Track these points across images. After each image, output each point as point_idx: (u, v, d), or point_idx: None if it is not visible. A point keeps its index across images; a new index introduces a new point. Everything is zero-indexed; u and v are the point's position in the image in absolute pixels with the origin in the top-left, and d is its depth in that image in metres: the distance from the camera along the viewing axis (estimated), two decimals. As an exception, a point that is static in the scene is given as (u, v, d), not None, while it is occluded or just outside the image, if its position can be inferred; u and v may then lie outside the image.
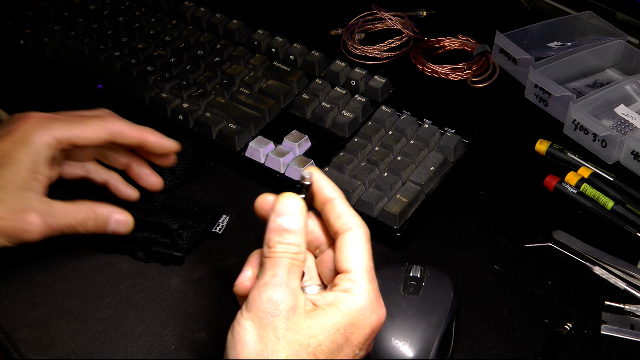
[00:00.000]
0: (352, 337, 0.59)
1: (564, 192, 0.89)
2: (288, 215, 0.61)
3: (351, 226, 0.62)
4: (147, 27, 1.07)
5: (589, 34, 1.09)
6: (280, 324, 0.57)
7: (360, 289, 0.60)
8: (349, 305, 0.59)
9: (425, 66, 1.07)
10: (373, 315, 0.60)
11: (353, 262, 0.61)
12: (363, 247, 0.62)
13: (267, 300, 0.58)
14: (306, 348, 0.57)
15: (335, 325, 0.58)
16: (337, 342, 0.58)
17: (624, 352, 0.76)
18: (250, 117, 0.94)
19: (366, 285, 0.60)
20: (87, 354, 0.76)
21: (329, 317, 0.59)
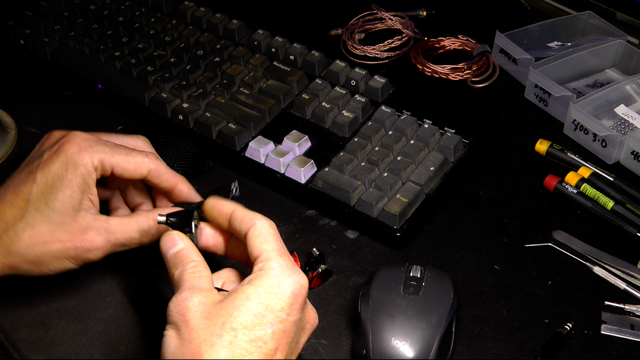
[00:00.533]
0: (271, 304, 0.60)
1: (564, 192, 0.89)
2: (172, 248, 0.65)
3: (253, 221, 0.65)
4: (147, 27, 1.07)
5: (589, 34, 1.09)
6: (191, 318, 0.59)
7: (271, 263, 0.62)
8: (260, 278, 0.61)
9: (425, 66, 1.07)
10: (289, 279, 0.61)
11: (262, 247, 0.63)
12: (269, 234, 0.64)
13: (175, 305, 0.61)
14: (222, 326, 0.58)
15: (247, 297, 0.60)
16: (254, 311, 0.59)
17: (624, 352, 0.76)
18: (250, 117, 0.94)
19: (277, 259, 0.62)
20: (87, 354, 0.76)
21: (240, 294, 0.60)
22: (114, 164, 0.72)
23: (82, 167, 0.69)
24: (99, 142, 0.72)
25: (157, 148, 0.93)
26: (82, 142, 0.70)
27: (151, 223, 0.73)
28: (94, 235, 0.70)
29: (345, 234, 0.87)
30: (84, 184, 0.69)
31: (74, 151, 0.69)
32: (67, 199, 0.68)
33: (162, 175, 0.75)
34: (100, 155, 0.71)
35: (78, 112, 1.02)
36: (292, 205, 0.90)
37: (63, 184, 0.68)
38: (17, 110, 1.00)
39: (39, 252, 0.69)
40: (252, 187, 0.92)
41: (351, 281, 0.82)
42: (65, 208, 0.68)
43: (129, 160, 0.73)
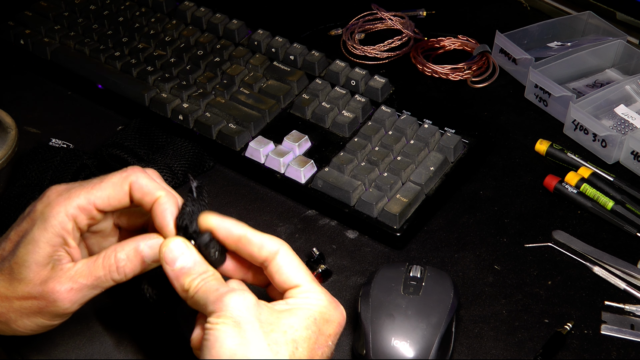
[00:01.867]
0: (323, 328, 0.62)
1: (564, 192, 0.89)
2: (180, 257, 0.62)
3: (277, 248, 0.64)
4: (147, 27, 1.07)
5: (589, 34, 1.09)
6: (254, 319, 0.59)
7: (318, 294, 0.63)
8: (316, 304, 0.62)
9: (425, 66, 1.07)
10: (337, 311, 0.63)
11: (298, 277, 0.63)
12: (297, 261, 0.64)
13: (236, 302, 0.59)
14: (284, 335, 0.59)
15: (311, 316, 0.61)
16: (312, 330, 0.60)
17: (624, 352, 0.76)
18: (250, 117, 0.94)
19: (320, 290, 0.63)
20: (87, 354, 0.76)
21: (302, 312, 0.61)
22: (93, 200, 0.65)
23: (52, 219, 0.64)
24: (72, 188, 0.65)
25: (157, 148, 0.93)
26: (52, 196, 0.65)
27: (120, 256, 0.64)
28: (54, 284, 0.64)
29: (345, 234, 0.87)
30: (55, 237, 0.64)
31: (43, 206, 0.64)
32: (31, 255, 0.63)
33: (143, 187, 0.65)
34: (75, 201, 0.64)
35: (78, 112, 1.02)
36: (292, 205, 0.90)
37: (27, 240, 0.64)
38: (17, 110, 1.01)
39: (3, 308, 0.65)
40: (252, 187, 0.92)
41: (351, 281, 0.82)
42: (28, 263, 0.63)
43: (105, 185, 0.65)
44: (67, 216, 0.64)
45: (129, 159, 0.90)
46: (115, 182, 0.65)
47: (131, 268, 0.65)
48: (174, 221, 0.64)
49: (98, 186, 0.65)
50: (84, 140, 0.97)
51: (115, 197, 0.65)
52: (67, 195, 0.64)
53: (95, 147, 0.95)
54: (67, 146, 0.95)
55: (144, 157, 0.91)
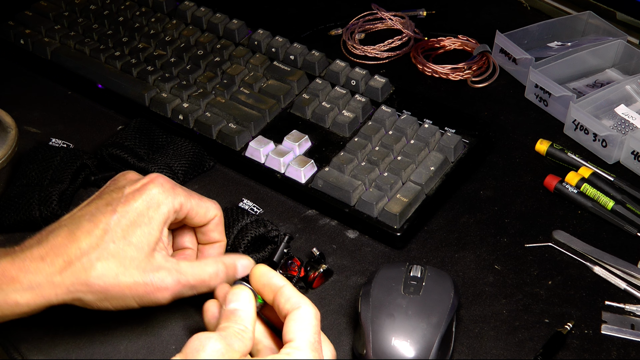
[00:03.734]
0: None
1: (564, 192, 0.89)
2: (235, 302, 0.66)
3: (300, 305, 0.65)
4: (147, 27, 1.07)
5: (589, 34, 1.09)
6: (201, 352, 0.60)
7: (300, 353, 0.62)
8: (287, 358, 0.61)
9: (425, 66, 1.07)
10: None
11: (297, 333, 0.63)
12: (310, 322, 0.64)
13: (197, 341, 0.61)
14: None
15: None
16: None
17: (624, 352, 0.76)
18: (250, 117, 0.94)
19: (307, 352, 0.62)
20: (87, 354, 0.76)
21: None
22: (189, 208, 0.72)
23: (164, 207, 0.69)
24: (177, 186, 0.72)
25: (157, 148, 0.93)
26: (165, 184, 0.70)
27: (220, 267, 0.72)
28: (165, 274, 0.68)
29: (346, 233, 0.87)
30: (163, 223, 0.69)
31: (158, 191, 0.69)
32: (146, 236, 0.68)
33: (218, 226, 0.75)
34: (181, 199, 0.71)
35: (78, 112, 1.02)
36: (292, 205, 0.90)
37: (144, 220, 0.68)
38: (17, 110, 1.01)
39: (108, 284, 0.67)
40: (252, 187, 0.92)
41: (351, 281, 0.82)
42: (142, 244, 0.67)
43: (202, 204, 0.73)
44: (174, 209, 0.70)
45: (129, 159, 0.89)
46: (207, 209, 0.74)
47: (226, 280, 0.72)
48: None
49: (196, 201, 0.73)
50: (84, 140, 0.97)
51: (196, 221, 0.74)
52: (177, 190, 0.71)
53: (95, 147, 0.95)
54: (67, 146, 0.95)
55: (144, 157, 0.91)
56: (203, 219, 0.74)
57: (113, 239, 0.67)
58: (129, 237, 0.67)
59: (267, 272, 0.67)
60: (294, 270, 0.80)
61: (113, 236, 0.67)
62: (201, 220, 0.74)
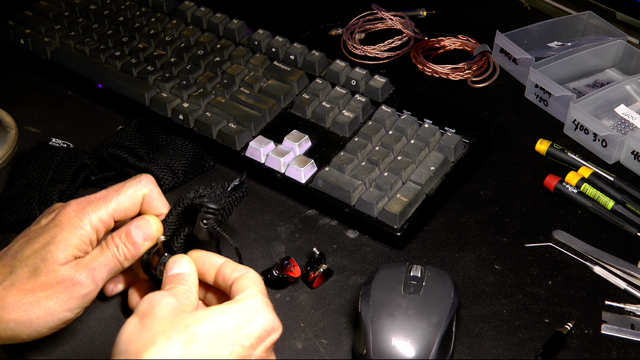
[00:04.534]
0: (240, 328, 0.60)
1: (565, 192, 0.89)
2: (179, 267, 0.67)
3: (247, 270, 0.66)
4: (148, 27, 1.07)
5: (589, 34, 1.09)
6: (159, 311, 0.60)
7: (255, 297, 0.63)
8: (241, 302, 0.62)
9: (425, 66, 1.07)
10: (267, 315, 0.62)
11: (249, 286, 0.64)
12: (258, 281, 0.65)
13: (148, 298, 0.62)
14: (185, 327, 0.59)
15: (221, 311, 0.60)
16: (221, 327, 0.60)
17: (625, 352, 0.76)
18: (250, 117, 0.94)
19: (261, 297, 0.63)
20: (87, 354, 0.76)
21: (215, 307, 0.61)
22: (112, 213, 0.71)
23: (79, 229, 0.69)
24: (93, 202, 0.71)
25: (157, 148, 0.93)
26: (76, 208, 0.70)
27: (116, 242, 0.71)
28: (75, 273, 0.68)
29: (346, 233, 0.87)
30: (81, 243, 0.69)
31: (71, 215, 0.70)
32: (61, 252, 0.68)
33: (153, 202, 0.73)
34: (98, 215, 0.70)
35: (78, 112, 1.02)
36: (292, 205, 0.90)
37: (57, 240, 0.68)
38: (17, 110, 1.01)
39: (25, 304, 0.67)
40: (253, 186, 0.92)
41: (351, 281, 0.82)
42: (56, 258, 0.67)
43: (123, 199, 0.71)
44: (91, 227, 0.70)
45: (129, 158, 0.89)
46: (132, 195, 0.72)
47: (129, 251, 0.71)
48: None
49: (116, 199, 0.71)
50: (84, 140, 0.97)
51: (131, 210, 0.72)
52: (90, 208, 0.70)
53: (95, 147, 0.95)
54: (67, 146, 0.95)
55: (144, 157, 0.91)
56: (134, 208, 0.72)
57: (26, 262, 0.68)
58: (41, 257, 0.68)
59: (203, 254, 0.69)
60: (290, 270, 0.80)
61: (26, 261, 0.68)
62: (134, 210, 0.72)
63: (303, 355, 0.76)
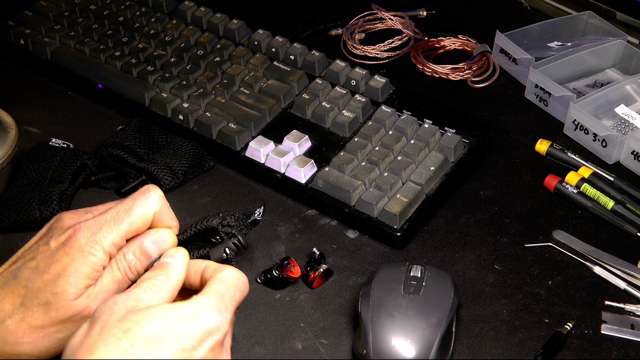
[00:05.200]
0: (179, 329, 0.59)
1: (564, 192, 0.89)
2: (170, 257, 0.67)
3: (224, 268, 0.65)
4: (148, 27, 1.07)
5: (589, 34, 1.09)
6: (107, 318, 0.59)
7: (202, 297, 0.62)
8: (184, 303, 0.61)
9: (425, 66, 1.07)
10: (209, 316, 0.61)
11: (210, 286, 0.63)
12: (228, 279, 0.64)
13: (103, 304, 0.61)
14: (125, 332, 0.58)
15: (160, 312, 0.59)
16: (160, 328, 0.59)
17: (624, 352, 0.76)
18: (250, 117, 0.94)
19: (211, 297, 0.62)
20: (87, 353, 0.75)
21: (156, 307, 0.60)
22: (124, 235, 0.68)
23: (91, 257, 0.66)
24: (103, 225, 0.68)
25: (157, 148, 0.93)
26: (87, 233, 0.67)
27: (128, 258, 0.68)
28: (90, 304, 0.66)
29: (346, 233, 0.87)
30: (94, 272, 0.67)
31: (82, 243, 0.67)
32: (72, 286, 0.66)
33: (163, 217, 0.70)
34: (110, 239, 0.67)
35: (78, 112, 1.02)
36: (292, 205, 0.90)
37: (68, 272, 0.66)
38: (17, 110, 1.01)
39: (36, 338, 0.66)
40: (252, 187, 0.92)
41: (351, 281, 0.82)
42: (69, 293, 0.66)
43: (134, 220, 0.68)
44: (104, 254, 0.67)
45: (129, 158, 0.90)
46: (144, 215, 0.69)
47: (142, 265, 0.68)
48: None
49: (128, 221, 0.68)
50: (84, 140, 0.97)
51: (142, 228, 0.69)
52: (102, 233, 0.67)
53: (95, 147, 0.95)
54: (67, 146, 0.95)
55: (144, 157, 0.91)
56: (145, 224, 0.70)
57: (36, 294, 0.66)
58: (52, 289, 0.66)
59: (194, 262, 0.68)
60: (290, 270, 0.80)
61: (36, 292, 0.66)
62: (145, 226, 0.70)
63: (303, 355, 0.76)
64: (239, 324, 0.78)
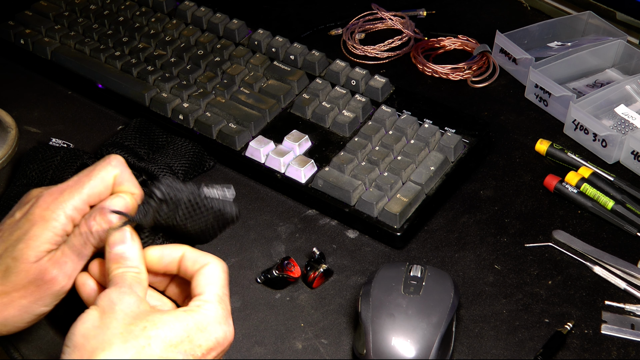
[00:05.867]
0: (194, 337, 0.60)
1: (564, 192, 0.89)
2: (121, 244, 0.65)
3: (207, 262, 0.65)
4: (148, 26, 1.07)
5: (589, 34, 1.09)
6: (119, 310, 0.60)
7: (209, 306, 0.62)
8: (196, 312, 0.61)
9: (425, 66, 1.07)
10: (220, 327, 0.62)
11: (205, 287, 0.63)
12: (217, 277, 0.64)
13: (108, 294, 0.61)
14: (142, 330, 0.59)
15: (177, 318, 0.60)
16: (176, 333, 0.60)
17: (624, 352, 0.76)
18: (250, 117, 0.94)
19: (216, 304, 0.62)
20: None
21: (172, 313, 0.61)
22: (86, 200, 0.68)
23: (53, 221, 0.67)
24: (65, 190, 0.68)
25: (157, 148, 0.93)
26: (48, 199, 0.67)
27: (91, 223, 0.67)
28: (49, 269, 0.66)
29: (346, 233, 0.87)
30: (56, 236, 0.67)
31: (41, 209, 0.67)
32: (32, 250, 0.66)
33: (124, 182, 0.69)
34: (71, 203, 0.67)
35: (78, 112, 1.02)
36: (292, 205, 0.90)
37: (27, 237, 0.66)
38: (17, 110, 1.01)
39: (1, 305, 0.66)
40: (252, 186, 0.92)
41: (351, 281, 0.82)
42: (27, 256, 0.66)
43: (95, 183, 0.68)
44: (66, 218, 0.67)
45: (129, 158, 0.89)
46: (104, 178, 0.68)
47: (103, 230, 0.67)
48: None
49: (89, 185, 0.68)
50: (84, 140, 0.97)
51: (104, 193, 0.68)
52: (63, 198, 0.67)
53: (95, 147, 0.95)
54: (67, 146, 0.95)
55: (144, 157, 0.91)
56: (107, 190, 0.69)
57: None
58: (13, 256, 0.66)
59: (160, 249, 0.67)
60: (290, 270, 0.80)
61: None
62: (107, 191, 0.69)
63: (303, 355, 0.76)
64: (239, 324, 0.78)
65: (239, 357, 0.76)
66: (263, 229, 0.87)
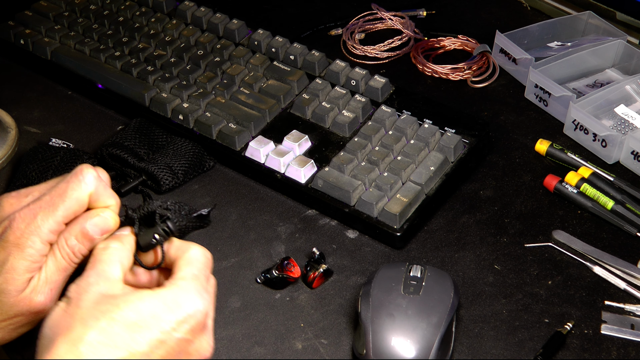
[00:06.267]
0: (160, 314, 0.60)
1: (564, 192, 0.89)
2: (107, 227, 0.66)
3: (189, 248, 0.65)
4: (148, 27, 1.07)
5: (589, 34, 1.09)
6: (84, 299, 0.60)
7: (182, 282, 0.62)
8: (164, 288, 0.61)
9: (425, 66, 1.07)
10: (191, 299, 0.61)
11: (183, 268, 0.63)
12: (198, 260, 0.64)
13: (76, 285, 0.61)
14: (103, 313, 0.58)
15: (141, 298, 0.60)
16: (141, 313, 0.59)
17: (624, 352, 0.76)
18: (250, 117, 0.94)
19: (190, 280, 0.62)
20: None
21: (137, 293, 0.60)
22: (61, 220, 0.66)
23: (29, 249, 0.65)
24: (38, 213, 0.66)
25: (157, 148, 0.93)
26: (22, 225, 0.66)
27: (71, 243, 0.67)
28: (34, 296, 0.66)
29: (346, 233, 0.87)
30: (33, 264, 0.66)
31: (15, 237, 0.65)
32: (11, 283, 0.65)
33: (100, 197, 0.67)
34: (47, 227, 0.66)
35: (78, 112, 1.02)
36: (292, 205, 0.90)
37: (5, 269, 0.65)
38: (17, 110, 1.01)
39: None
40: (252, 186, 0.92)
41: (351, 281, 0.82)
42: (9, 291, 0.65)
43: (70, 203, 0.66)
44: (42, 243, 0.66)
45: (129, 158, 0.90)
46: (79, 199, 0.67)
47: (86, 247, 0.67)
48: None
49: (62, 206, 0.66)
50: (84, 140, 0.97)
51: (79, 211, 0.67)
52: (37, 223, 0.66)
53: (95, 147, 0.95)
54: (67, 146, 0.95)
55: (144, 157, 0.91)
56: (82, 208, 0.67)
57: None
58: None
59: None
60: (290, 270, 0.80)
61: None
62: (82, 210, 0.68)
63: (303, 355, 0.76)
64: (239, 324, 0.78)
65: (239, 357, 0.76)
66: (263, 229, 0.87)
